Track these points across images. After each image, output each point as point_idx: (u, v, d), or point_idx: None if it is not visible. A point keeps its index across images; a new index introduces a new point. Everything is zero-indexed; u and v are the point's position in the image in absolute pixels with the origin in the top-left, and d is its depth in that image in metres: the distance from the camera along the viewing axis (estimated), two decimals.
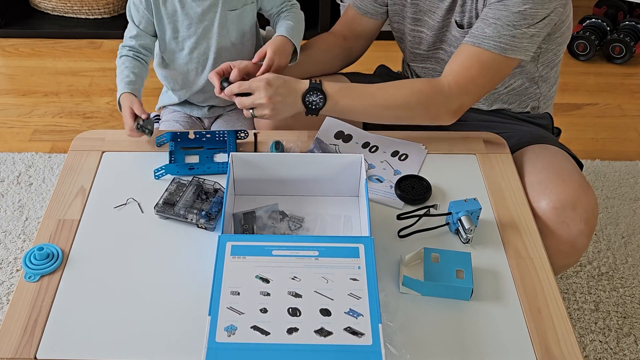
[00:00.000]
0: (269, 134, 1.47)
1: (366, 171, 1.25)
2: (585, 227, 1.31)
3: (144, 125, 1.38)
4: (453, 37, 1.50)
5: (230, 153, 1.26)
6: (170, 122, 1.69)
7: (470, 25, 1.44)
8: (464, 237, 1.20)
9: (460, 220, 1.20)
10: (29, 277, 1.13)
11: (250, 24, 1.59)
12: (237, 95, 1.33)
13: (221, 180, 1.31)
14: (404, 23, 1.57)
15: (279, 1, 1.58)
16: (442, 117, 1.40)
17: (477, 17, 1.43)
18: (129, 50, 1.53)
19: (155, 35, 1.56)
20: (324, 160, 1.28)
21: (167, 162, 1.36)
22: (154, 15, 1.52)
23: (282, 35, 1.48)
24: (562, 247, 1.32)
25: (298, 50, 1.50)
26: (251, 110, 1.33)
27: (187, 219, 1.23)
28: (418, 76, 1.65)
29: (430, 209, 1.25)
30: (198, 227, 1.23)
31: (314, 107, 1.34)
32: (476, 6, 1.43)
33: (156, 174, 1.33)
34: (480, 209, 1.22)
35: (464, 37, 1.43)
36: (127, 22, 1.55)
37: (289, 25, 1.51)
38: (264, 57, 1.42)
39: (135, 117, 1.39)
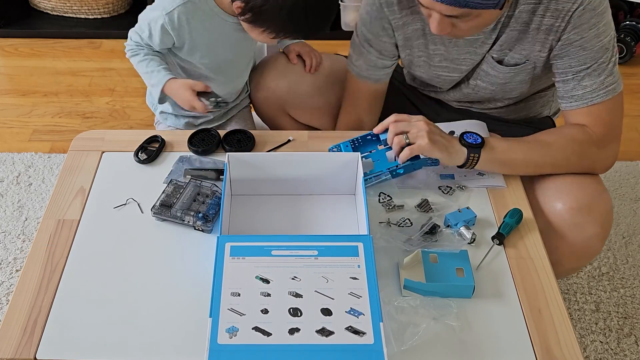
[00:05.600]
0: (269, 134, 1.47)
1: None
2: (600, 230, 1.29)
3: (216, 102, 1.38)
4: (483, 72, 1.43)
5: (227, 153, 1.25)
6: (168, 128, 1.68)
7: (512, 62, 1.37)
8: (467, 241, 1.21)
9: (460, 233, 1.21)
10: None
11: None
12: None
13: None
14: (424, 68, 1.49)
15: None
16: (597, 166, 1.35)
17: (528, 56, 1.35)
18: (143, 47, 1.50)
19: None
20: (320, 159, 1.28)
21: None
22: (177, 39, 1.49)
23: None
24: (575, 249, 1.30)
25: None
26: (404, 135, 1.25)
27: (184, 221, 1.23)
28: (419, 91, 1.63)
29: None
30: (195, 229, 1.23)
31: (472, 143, 1.26)
32: (531, 47, 1.34)
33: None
34: (476, 216, 1.23)
35: (505, 73, 1.39)
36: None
37: None
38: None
39: (205, 94, 1.39)
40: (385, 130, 1.29)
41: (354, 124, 1.57)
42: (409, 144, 1.25)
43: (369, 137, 1.36)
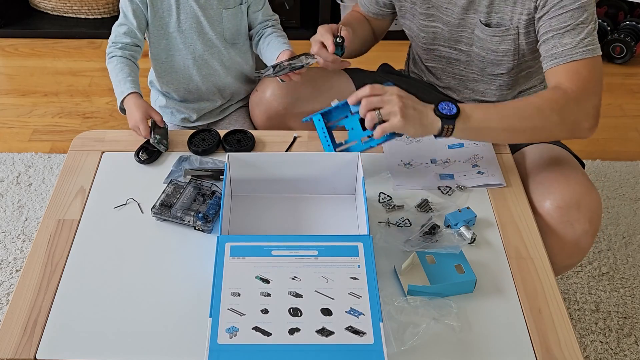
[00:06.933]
0: (267, 133, 1.47)
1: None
2: (589, 226, 1.30)
3: (160, 141, 1.37)
4: (476, 37, 1.48)
5: (227, 153, 1.26)
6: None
7: (499, 25, 1.43)
8: (468, 241, 1.20)
9: (460, 233, 1.21)
10: None
11: (244, 24, 1.60)
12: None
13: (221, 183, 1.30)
14: (414, 20, 1.55)
15: (263, 15, 1.61)
16: (581, 124, 1.31)
17: (511, 19, 1.41)
18: (122, 49, 1.54)
19: (145, 30, 1.56)
20: (320, 159, 1.28)
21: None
22: (149, 9, 1.52)
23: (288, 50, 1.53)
24: (566, 247, 1.31)
25: None
26: (377, 112, 1.22)
27: (184, 221, 1.22)
28: (430, 72, 1.64)
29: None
30: (195, 229, 1.23)
31: (446, 114, 1.22)
32: (512, 9, 1.40)
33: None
34: (476, 216, 1.23)
35: (492, 36, 1.44)
36: None
37: (286, 42, 1.57)
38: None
39: (151, 129, 1.38)
40: (359, 102, 1.26)
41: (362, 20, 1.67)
42: (382, 121, 1.22)
43: (342, 106, 1.32)
